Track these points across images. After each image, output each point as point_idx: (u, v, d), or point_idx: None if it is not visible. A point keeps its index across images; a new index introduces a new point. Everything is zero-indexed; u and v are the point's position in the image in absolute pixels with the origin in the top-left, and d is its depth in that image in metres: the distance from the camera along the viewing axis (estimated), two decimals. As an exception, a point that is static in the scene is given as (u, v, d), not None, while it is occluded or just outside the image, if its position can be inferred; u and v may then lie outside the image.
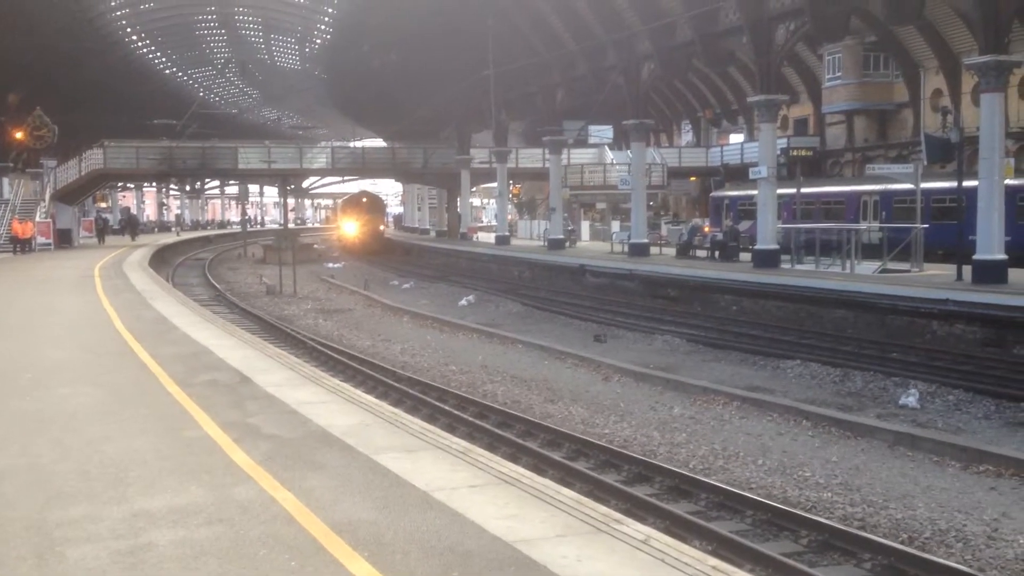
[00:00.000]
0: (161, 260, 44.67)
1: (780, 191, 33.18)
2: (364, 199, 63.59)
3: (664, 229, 47.78)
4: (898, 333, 21.39)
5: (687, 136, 63.77)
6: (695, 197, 60.15)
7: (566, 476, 11.07)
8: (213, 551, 5.60)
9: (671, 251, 38.91)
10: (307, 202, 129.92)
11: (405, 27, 49.14)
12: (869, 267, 27.43)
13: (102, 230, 58.74)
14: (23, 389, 10.86)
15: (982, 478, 11.36)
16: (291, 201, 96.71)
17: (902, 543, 9.04)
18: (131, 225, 64.83)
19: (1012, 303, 19.68)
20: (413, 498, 6.61)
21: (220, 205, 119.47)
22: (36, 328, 16.75)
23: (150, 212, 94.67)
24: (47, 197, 50.37)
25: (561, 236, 45.21)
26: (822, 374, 17.91)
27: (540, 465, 11.47)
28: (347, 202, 66.06)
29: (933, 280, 23.90)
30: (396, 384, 16.99)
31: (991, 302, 20.12)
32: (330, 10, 62.62)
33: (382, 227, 64.58)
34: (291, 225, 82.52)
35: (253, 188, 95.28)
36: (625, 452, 12.22)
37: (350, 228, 61.87)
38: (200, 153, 56.64)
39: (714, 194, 48.10)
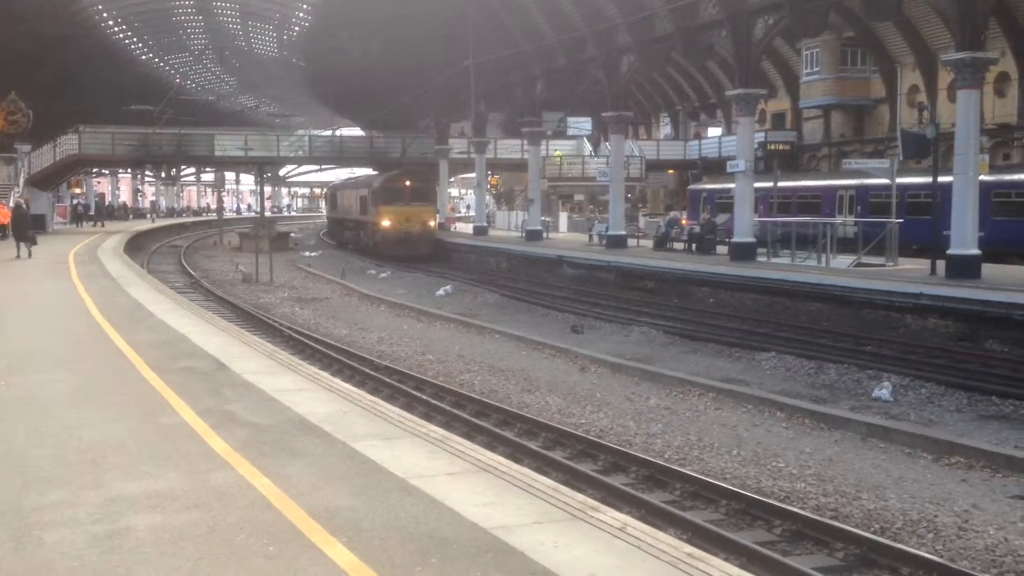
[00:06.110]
0: (136, 247, 44.37)
1: (757, 185, 33.32)
2: (408, 181, 46.04)
3: (642, 221, 47.85)
4: (872, 326, 21.59)
5: (666, 129, 63.96)
6: (673, 190, 60.31)
7: (543, 465, 11.11)
8: (190, 536, 5.61)
9: (649, 243, 39.00)
10: (283, 190, 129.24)
11: (384, 16, 48.92)
12: (844, 261, 27.58)
13: (81, 216, 58.96)
14: (-2, 375, 10.79)
15: (953, 470, 11.50)
16: (268, 189, 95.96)
17: (874, 533, 9.15)
18: (98, 211, 65.02)
19: (985, 298, 19.89)
20: (391, 485, 6.64)
21: (196, 192, 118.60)
22: (11, 314, 16.61)
23: (125, 198, 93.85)
24: (21, 182, 49.81)
25: (539, 227, 45.13)
26: (797, 366, 18.04)
27: (517, 454, 11.50)
28: (380, 189, 46.52)
29: (907, 274, 24.07)
30: (373, 373, 16.98)
31: (964, 296, 20.32)
32: (309, -3, 62.30)
33: (432, 223, 47.07)
34: (268, 213, 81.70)
35: (229, 176, 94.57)
36: (601, 442, 12.28)
37: (387, 222, 45.06)
38: (176, 140, 56.10)
39: (692, 187, 48.24)
